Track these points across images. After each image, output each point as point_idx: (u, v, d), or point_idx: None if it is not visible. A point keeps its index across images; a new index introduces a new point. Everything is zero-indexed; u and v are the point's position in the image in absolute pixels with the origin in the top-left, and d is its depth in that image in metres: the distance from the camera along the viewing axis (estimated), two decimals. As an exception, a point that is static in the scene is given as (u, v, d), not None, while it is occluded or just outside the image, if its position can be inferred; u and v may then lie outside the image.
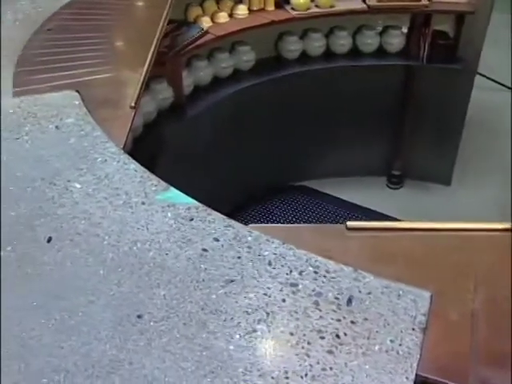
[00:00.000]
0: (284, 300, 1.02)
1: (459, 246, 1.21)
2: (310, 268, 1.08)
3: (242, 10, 2.77)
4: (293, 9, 2.79)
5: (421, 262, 1.17)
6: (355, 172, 3.29)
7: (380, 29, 3.06)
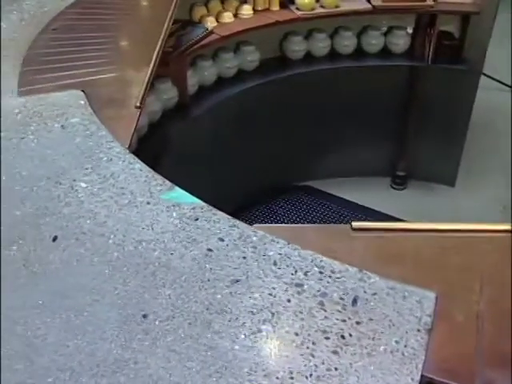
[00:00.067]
0: (289, 300, 1.02)
1: (464, 247, 1.21)
2: (316, 268, 1.08)
3: (247, 10, 2.76)
4: (297, 9, 2.79)
5: (426, 263, 1.17)
6: (359, 172, 3.29)
7: (385, 29, 3.05)
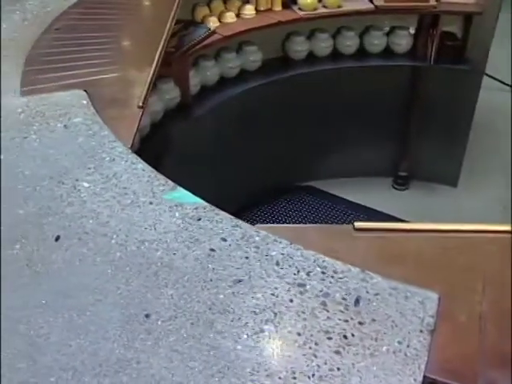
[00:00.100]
0: (291, 300, 1.02)
1: (467, 248, 1.20)
2: (318, 268, 1.08)
3: (249, 10, 2.76)
4: (300, 9, 2.79)
5: (428, 264, 1.16)
6: (361, 173, 3.28)
7: (387, 29, 3.05)
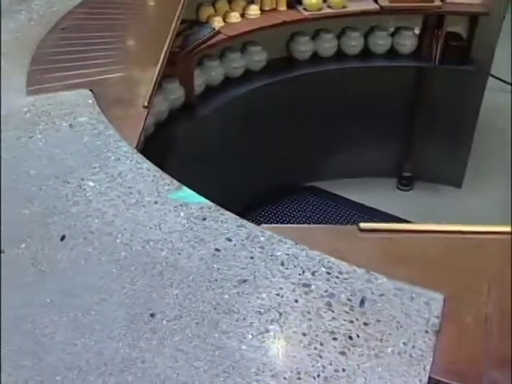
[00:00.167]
0: (297, 300, 1.02)
1: (472, 249, 1.20)
2: (323, 269, 1.08)
3: (254, 10, 2.76)
4: (305, 9, 2.79)
5: (434, 265, 1.16)
6: (365, 173, 3.28)
7: (392, 30, 3.05)
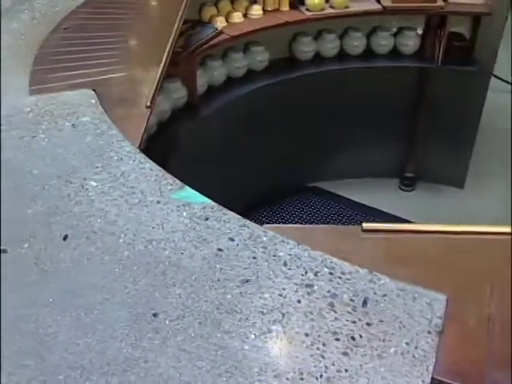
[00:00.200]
0: (299, 301, 1.02)
1: (475, 249, 1.20)
2: (326, 269, 1.08)
3: (257, 11, 2.77)
4: (307, 9, 2.79)
5: (436, 265, 1.16)
6: (368, 173, 3.28)
7: (394, 30, 3.04)
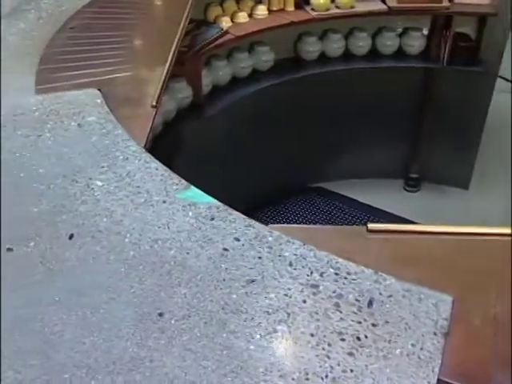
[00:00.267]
0: (305, 301, 1.02)
1: (480, 250, 1.20)
2: (331, 269, 1.08)
3: (262, 11, 2.77)
4: (312, 9, 2.79)
5: (442, 266, 1.16)
6: (372, 174, 3.28)
7: (400, 30, 3.04)
